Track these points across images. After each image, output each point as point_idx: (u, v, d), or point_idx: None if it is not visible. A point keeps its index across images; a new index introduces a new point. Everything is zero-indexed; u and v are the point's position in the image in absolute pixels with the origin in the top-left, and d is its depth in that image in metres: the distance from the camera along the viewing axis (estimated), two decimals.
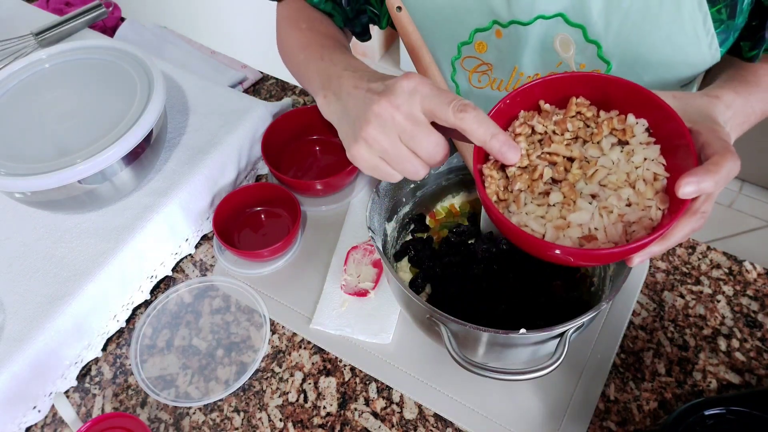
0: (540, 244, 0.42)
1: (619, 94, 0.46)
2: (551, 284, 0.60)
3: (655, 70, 0.61)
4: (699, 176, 0.39)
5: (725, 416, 0.52)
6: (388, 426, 0.59)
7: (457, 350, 0.48)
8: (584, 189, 0.44)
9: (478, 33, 0.65)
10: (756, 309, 0.64)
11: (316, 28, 0.67)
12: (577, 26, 0.60)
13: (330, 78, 0.54)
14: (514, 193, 0.46)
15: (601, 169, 0.44)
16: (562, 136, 0.46)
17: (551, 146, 0.45)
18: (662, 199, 0.43)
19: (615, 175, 0.44)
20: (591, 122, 0.46)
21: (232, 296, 0.69)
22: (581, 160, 0.45)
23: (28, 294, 0.61)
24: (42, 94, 0.68)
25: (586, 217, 0.43)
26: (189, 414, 0.61)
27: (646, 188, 0.43)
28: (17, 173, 0.59)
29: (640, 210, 0.43)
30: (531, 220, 0.44)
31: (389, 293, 0.65)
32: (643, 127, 0.45)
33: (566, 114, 0.46)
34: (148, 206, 0.67)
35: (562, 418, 0.58)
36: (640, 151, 0.44)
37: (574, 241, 0.42)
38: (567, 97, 0.47)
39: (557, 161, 0.46)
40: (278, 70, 0.91)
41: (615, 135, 0.46)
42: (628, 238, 0.42)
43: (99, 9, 0.91)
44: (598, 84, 0.46)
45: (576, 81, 0.47)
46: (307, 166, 0.79)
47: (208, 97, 0.79)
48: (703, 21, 0.55)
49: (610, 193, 0.43)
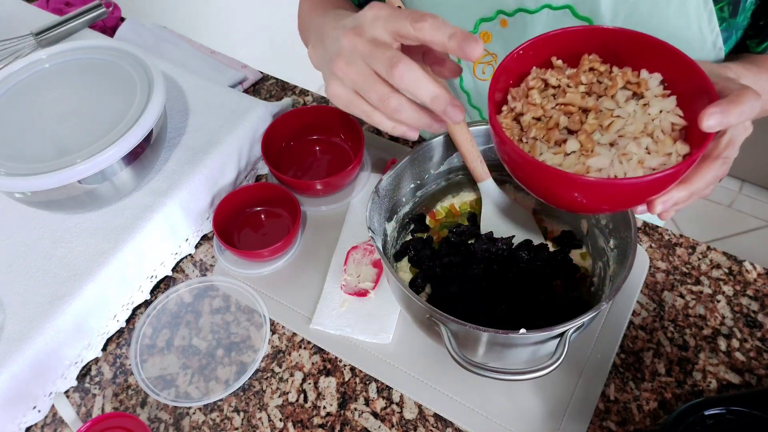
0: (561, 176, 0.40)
1: (631, 48, 0.45)
2: (551, 284, 0.60)
3: None
4: (722, 107, 0.38)
5: (725, 416, 0.52)
6: (388, 426, 0.59)
7: (457, 350, 0.48)
8: (601, 139, 0.43)
9: (483, 23, 0.65)
10: (756, 309, 0.64)
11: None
12: (585, 19, 0.60)
13: (318, 29, 0.54)
14: (530, 142, 0.45)
15: (617, 119, 0.43)
16: (576, 89, 0.45)
17: (566, 96, 0.44)
18: (682, 148, 0.42)
19: (632, 126, 0.43)
20: (604, 77, 0.46)
21: (232, 296, 0.69)
22: (596, 110, 0.44)
23: (28, 294, 0.61)
24: (42, 94, 0.68)
25: (606, 161, 0.41)
26: (189, 414, 0.61)
27: (664, 137, 0.42)
28: (17, 173, 0.59)
29: (661, 157, 0.41)
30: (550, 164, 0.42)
31: (389, 293, 0.65)
32: (657, 80, 0.45)
33: (579, 69, 0.45)
34: (148, 206, 0.67)
35: (562, 418, 0.58)
36: (656, 103, 0.43)
37: None
38: (578, 54, 0.46)
39: (572, 111, 0.44)
40: (278, 70, 0.91)
41: (629, 88, 0.45)
42: None
43: (99, 9, 0.91)
44: (609, 37, 0.45)
45: (587, 34, 0.45)
46: (307, 166, 0.79)
47: (208, 97, 0.79)
48: (708, 18, 0.56)
49: (629, 141, 0.42)
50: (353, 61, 0.45)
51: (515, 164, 0.44)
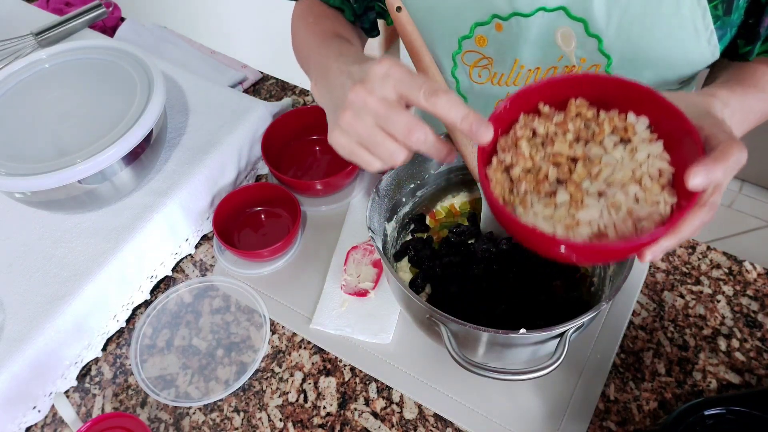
0: (551, 241, 0.42)
1: (617, 93, 0.46)
2: (551, 284, 0.60)
3: (656, 66, 0.61)
4: (707, 165, 0.38)
5: (725, 416, 0.52)
6: (388, 426, 0.59)
7: (457, 350, 0.48)
8: (590, 188, 0.44)
9: (479, 27, 0.65)
10: (756, 309, 0.64)
11: (321, 22, 0.68)
12: (579, 20, 0.60)
13: (322, 66, 0.55)
14: (520, 195, 0.45)
15: (605, 167, 0.44)
16: (564, 137, 0.46)
17: (554, 146, 0.45)
18: (670, 194, 0.42)
19: (620, 173, 0.44)
20: (591, 122, 0.46)
21: (232, 296, 0.69)
22: (585, 159, 0.45)
23: (28, 294, 0.61)
24: (42, 94, 0.68)
25: (595, 213, 0.42)
26: (189, 414, 0.61)
27: (652, 184, 0.43)
28: (17, 173, 0.59)
29: (649, 206, 0.42)
30: (540, 221, 0.43)
31: (389, 293, 0.65)
32: (644, 124, 0.45)
33: (566, 115, 0.46)
34: (148, 206, 0.67)
35: (562, 418, 0.58)
36: (643, 148, 0.44)
37: (584, 239, 0.42)
38: (565, 99, 0.47)
39: (561, 161, 0.45)
40: (278, 70, 0.91)
41: (617, 133, 0.46)
42: (638, 234, 0.42)
43: (99, 9, 0.91)
44: (595, 84, 0.46)
45: (574, 82, 0.46)
46: (307, 166, 0.79)
47: (208, 97, 0.79)
48: (703, 16, 0.56)
49: (617, 190, 0.43)
50: (361, 117, 0.46)
51: (505, 223, 0.45)
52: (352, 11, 0.72)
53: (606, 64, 0.63)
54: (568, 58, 0.64)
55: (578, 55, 0.64)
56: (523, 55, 0.66)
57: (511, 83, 0.71)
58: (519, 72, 0.68)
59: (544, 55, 0.65)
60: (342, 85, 0.49)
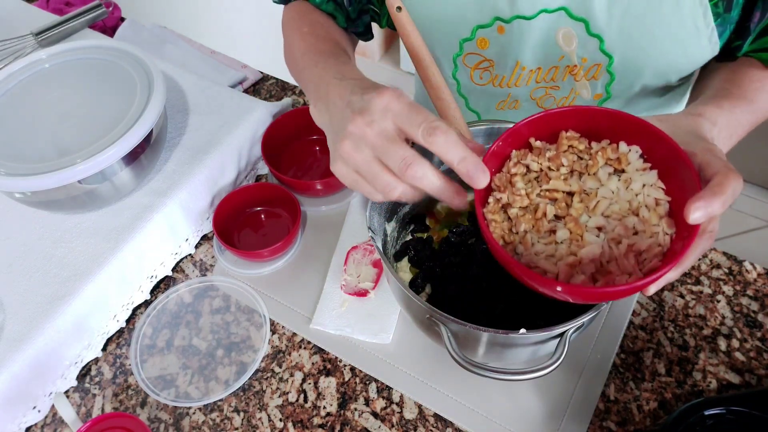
0: (555, 284, 0.41)
1: (607, 124, 0.46)
2: None
3: (657, 65, 0.62)
4: (706, 200, 0.38)
5: (725, 416, 0.52)
6: (388, 426, 0.59)
7: (457, 350, 0.48)
8: (589, 222, 0.44)
9: (480, 29, 0.65)
10: (756, 309, 0.64)
11: (316, 32, 0.67)
12: (580, 20, 0.60)
13: (320, 86, 0.54)
14: (520, 234, 0.45)
15: (602, 200, 0.44)
16: (558, 172, 0.46)
17: (549, 183, 0.45)
18: (668, 224, 0.42)
19: (617, 205, 0.44)
20: (584, 154, 0.46)
21: (232, 296, 0.69)
22: (581, 193, 0.45)
23: (28, 294, 0.61)
24: (42, 94, 0.68)
25: (597, 250, 0.42)
26: (189, 414, 0.61)
27: (650, 214, 0.43)
28: (17, 173, 0.59)
29: (648, 237, 0.42)
30: (542, 260, 0.43)
31: (389, 293, 0.65)
32: (636, 153, 0.45)
33: (558, 149, 0.46)
34: (148, 206, 0.67)
35: (562, 418, 0.58)
36: (637, 178, 0.44)
37: (588, 276, 0.42)
38: (556, 132, 0.47)
39: (557, 197, 0.45)
40: (278, 70, 0.91)
41: (610, 164, 0.45)
42: (641, 267, 0.42)
43: (99, 9, 0.91)
44: (585, 116, 0.46)
45: (563, 116, 0.46)
46: (307, 166, 0.79)
47: (208, 97, 0.79)
48: (704, 14, 0.56)
49: (616, 224, 0.43)
50: (359, 148, 0.46)
51: (506, 265, 0.44)
52: (345, 16, 0.71)
53: (607, 64, 0.63)
54: (569, 58, 0.64)
55: (579, 54, 0.64)
56: (524, 57, 0.66)
57: (512, 84, 0.71)
58: (521, 73, 0.68)
59: (546, 55, 0.65)
60: (342, 115, 0.48)
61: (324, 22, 0.70)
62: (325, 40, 0.66)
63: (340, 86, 0.51)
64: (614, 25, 0.59)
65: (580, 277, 0.42)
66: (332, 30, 0.70)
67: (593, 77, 0.66)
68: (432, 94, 0.53)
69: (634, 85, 0.66)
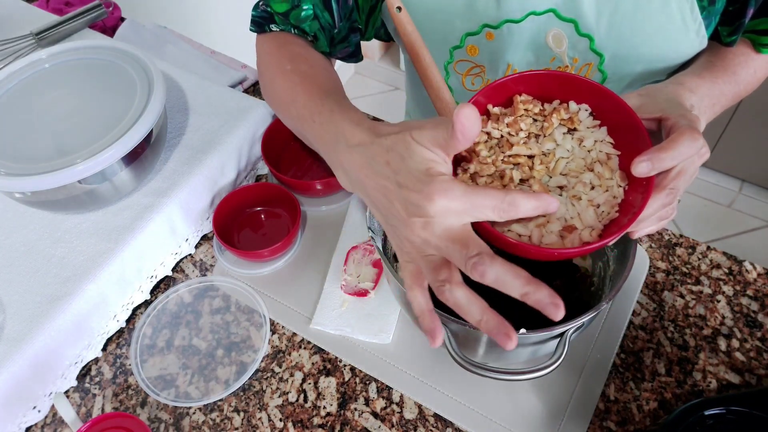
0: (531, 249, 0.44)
1: (556, 85, 0.48)
2: (551, 284, 0.60)
3: (647, 61, 0.62)
4: (650, 154, 0.41)
5: (725, 416, 0.52)
6: (388, 426, 0.59)
7: (457, 350, 0.48)
8: (550, 182, 0.46)
9: (469, 37, 0.65)
10: (756, 309, 0.64)
11: (300, 69, 0.61)
12: (569, 21, 0.60)
13: (330, 152, 0.50)
14: None
15: (560, 160, 0.47)
16: (518, 137, 0.48)
17: (512, 149, 0.47)
18: (621, 177, 0.45)
19: (573, 163, 0.46)
20: (539, 117, 0.48)
21: (232, 296, 0.69)
22: (540, 155, 0.47)
23: (28, 294, 0.61)
24: (42, 94, 0.68)
25: (563, 209, 0.45)
26: (189, 414, 0.61)
27: (603, 169, 0.46)
28: (17, 173, 0.59)
29: (604, 191, 0.45)
30: (514, 225, 0.45)
31: (389, 293, 0.65)
32: (586, 112, 0.48)
33: (515, 113, 0.48)
34: (148, 206, 0.67)
35: (562, 418, 0.58)
36: (589, 135, 0.47)
37: (556, 234, 0.44)
38: (510, 97, 0.49)
39: (520, 162, 0.47)
40: None
41: (563, 124, 0.48)
42: (600, 219, 0.45)
43: (99, 9, 0.91)
44: (535, 80, 0.48)
45: (516, 81, 0.48)
46: (307, 166, 0.79)
47: (208, 97, 0.79)
48: (691, 9, 0.57)
49: (575, 181, 0.46)
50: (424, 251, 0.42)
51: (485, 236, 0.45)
52: (329, 40, 0.66)
53: (598, 62, 0.64)
54: (560, 59, 0.65)
55: (570, 55, 0.64)
56: (515, 60, 0.66)
57: None
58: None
59: (537, 58, 0.65)
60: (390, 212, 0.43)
61: (305, 53, 0.64)
62: (312, 79, 0.60)
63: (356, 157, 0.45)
64: (603, 24, 0.59)
65: (550, 236, 0.44)
66: (316, 62, 0.64)
67: (585, 76, 0.66)
68: (432, 95, 0.53)
69: (624, 80, 0.66)
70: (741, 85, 0.61)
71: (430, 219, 0.39)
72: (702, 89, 0.54)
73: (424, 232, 0.40)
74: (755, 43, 0.62)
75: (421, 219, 0.40)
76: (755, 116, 1.61)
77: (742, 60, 0.62)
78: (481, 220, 0.40)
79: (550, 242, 0.44)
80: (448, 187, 0.39)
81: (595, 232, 0.44)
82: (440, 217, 0.39)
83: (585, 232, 0.44)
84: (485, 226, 0.43)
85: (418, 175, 0.40)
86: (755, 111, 1.59)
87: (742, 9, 0.58)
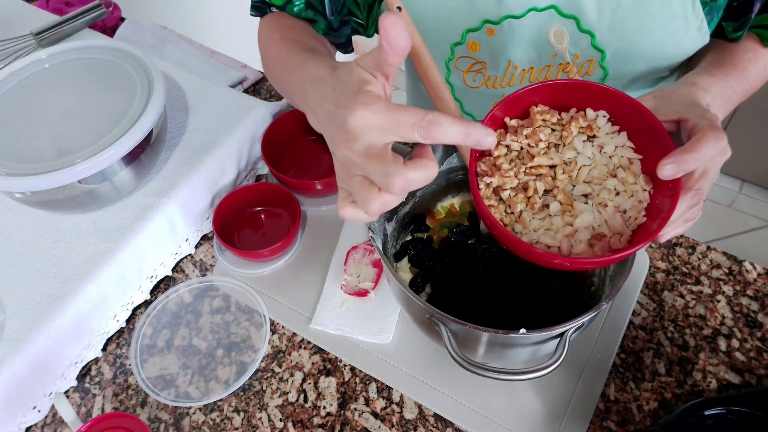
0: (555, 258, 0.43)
1: (571, 94, 0.48)
2: (551, 284, 0.60)
3: (649, 57, 0.62)
4: (675, 156, 0.40)
5: (725, 416, 0.52)
6: (388, 426, 0.59)
7: (457, 350, 0.48)
8: (575, 191, 0.46)
9: (470, 33, 0.65)
10: (756, 309, 0.64)
11: (287, 35, 0.64)
12: (570, 17, 0.60)
13: (302, 94, 0.51)
14: (516, 214, 0.47)
15: (582, 167, 0.47)
16: (538, 147, 0.47)
17: (534, 160, 0.47)
18: (645, 180, 0.45)
19: (596, 170, 0.46)
20: (557, 126, 0.48)
21: (232, 296, 0.69)
22: (561, 164, 0.47)
23: (28, 294, 0.61)
24: (42, 94, 0.68)
25: (590, 218, 0.44)
26: (189, 414, 0.61)
27: (626, 174, 0.45)
28: (17, 173, 0.59)
29: (629, 196, 0.45)
30: (542, 236, 0.45)
31: (389, 293, 0.65)
32: (604, 118, 0.47)
33: (533, 124, 0.48)
34: (148, 206, 0.67)
35: (562, 418, 0.58)
36: (609, 141, 0.47)
37: (585, 243, 0.44)
38: (526, 109, 0.49)
39: (542, 172, 0.47)
40: None
41: (582, 132, 0.48)
42: (628, 225, 0.44)
43: (99, 9, 0.91)
44: (550, 90, 0.48)
45: (531, 93, 0.48)
46: (307, 166, 0.79)
47: (208, 97, 0.79)
48: (692, 5, 0.57)
49: (599, 188, 0.45)
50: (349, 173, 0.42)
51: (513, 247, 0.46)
52: (327, 25, 0.68)
53: (600, 59, 0.64)
54: (561, 56, 0.65)
55: (572, 51, 0.64)
56: (516, 57, 0.66)
57: (505, 85, 0.71)
58: (513, 73, 0.68)
59: (538, 54, 0.65)
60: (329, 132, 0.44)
61: (297, 25, 0.67)
62: (296, 41, 0.61)
63: (316, 94, 0.46)
64: (605, 20, 0.59)
65: (579, 245, 0.44)
66: (304, 32, 0.66)
67: (586, 73, 0.66)
68: (432, 95, 0.53)
69: (626, 77, 0.66)
70: (751, 81, 0.61)
71: (353, 134, 0.39)
72: (714, 88, 0.54)
73: (348, 150, 0.40)
74: (763, 38, 0.62)
75: (345, 135, 0.39)
76: (755, 116, 1.61)
77: (750, 56, 0.61)
78: (404, 139, 0.39)
79: (580, 251, 0.44)
80: (370, 100, 0.39)
81: (624, 238, 0.44)
82: (362, 132, 0.39)
83: (614, 239, 0.44)
84: (515, 240, 0.43)
85: (350, 93, 0.40)
86: (755, 111, 1.59)
87: (747, 4, 0.58)
